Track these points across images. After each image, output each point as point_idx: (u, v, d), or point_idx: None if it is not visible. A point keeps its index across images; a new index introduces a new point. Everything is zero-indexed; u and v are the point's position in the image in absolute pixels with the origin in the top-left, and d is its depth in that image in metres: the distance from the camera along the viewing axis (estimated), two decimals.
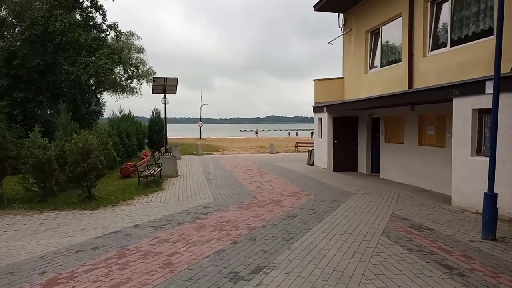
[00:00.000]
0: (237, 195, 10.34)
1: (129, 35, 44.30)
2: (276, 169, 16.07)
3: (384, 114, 13.75)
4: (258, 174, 14.66)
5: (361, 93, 15.04)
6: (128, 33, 44.25)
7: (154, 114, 24.13)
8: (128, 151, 19.32)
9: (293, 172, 15.07)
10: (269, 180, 13.04)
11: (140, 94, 45.44)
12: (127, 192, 10.78)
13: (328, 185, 11.84)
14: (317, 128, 16.91)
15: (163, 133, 23.98)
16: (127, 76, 31.48)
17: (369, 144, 15.02)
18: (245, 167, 17.14)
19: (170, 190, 11.24)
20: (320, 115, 16.53)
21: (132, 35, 44.29)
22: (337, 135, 15.60)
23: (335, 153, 15.61)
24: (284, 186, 11.75)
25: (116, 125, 17.84)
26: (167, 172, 13.95)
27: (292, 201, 9.39)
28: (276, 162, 19.09)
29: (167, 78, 24.49)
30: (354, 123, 15.63)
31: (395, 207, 8.51)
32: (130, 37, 44.32)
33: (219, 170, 16.10)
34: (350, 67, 16.27)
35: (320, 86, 17.01)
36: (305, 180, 13.00)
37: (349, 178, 13.45)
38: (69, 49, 20.75)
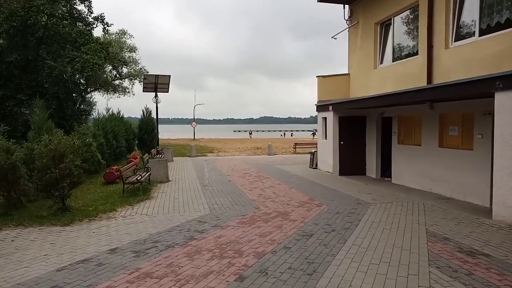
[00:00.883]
0: (237, 205, 8.83)
1: (121, 33, 42.62)
2: (276, 173, 14.58)
3: (397, 113, 12.34)
4: (258, 178, 13.17)
5: (370, 91, 13.64)
6: (120, 31, 42.59)
7: (145, 113, 22.48)
8: (116, 153, 17.70)
9: (296, 177, 13.60)
10: (271, 186, 11.55)
11: (132, 94, 43.74)
12: (109, 202, 9.21)
13: (338, 192, 10.39)
14: (320, 128, 15.47)
15: (154, 134, 22.36)
16: (115, 73, 29.69)
17: (379, 145, 13.62)
18: (242, 170, 15.63)
19: (160, 199, 9.69)
20: (324, 114, 15.10)
21: (124, 34, 42.60)
22: (343, 136, 14.17)
23: (341, 155, 14.18)
24: (289, 193, 10.27)
25: (102, 125, 16.22)
26: (157, 177, 12.39)
27: (302, 213, 7.90)
28: (275, 165, 17.61)
29: (159, 75, 22.90)
30: (361, 123, 14.21)
31: (426, 221, 7.07)
32: (122, 35, 42.67)
33: (214, 174, 14.57)
34: (357, 62, 14.87)
35: (324, 83, 15.57)
36: (311, 186, 11.53)
37: (359, 183, 12.01)
38: (53, 43, 19.06)
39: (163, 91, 23.67)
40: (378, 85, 13.21)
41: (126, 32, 42.55)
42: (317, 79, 15.61)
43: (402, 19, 12.39)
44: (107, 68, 41.69)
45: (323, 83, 15.55)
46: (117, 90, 43.92)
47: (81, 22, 19.41)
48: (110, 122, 17.69)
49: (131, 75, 42.68)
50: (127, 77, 43.49)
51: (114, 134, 17.61)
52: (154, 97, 23.28)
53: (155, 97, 23.18)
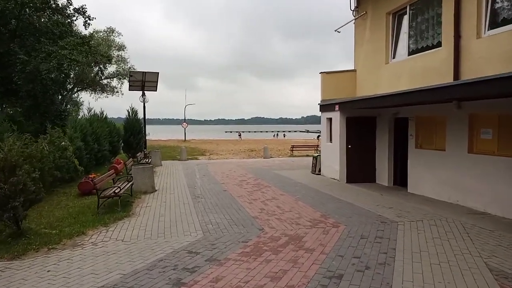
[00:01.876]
0: (236, 225, 7.18)
1: (109, 31, 40.72)
2: (277, 180, 12.97)
3: (414, 113, 10.83)
4: (257, 187, 11.54)
5: (380, 88, 12.13)
6: (108, 29, 40.67)
7: (131, 113, 20.68)
8: (97, 157, 15.88)
9: (300, 185, 12.00)
10: (274, 197, 9.93)
11: (121, 93, 41.81)
12: (80, 222, 7.48)
13: (353, 206, 8.81)
14: (324, 130, 13.90)
15: (141, 136, 20.58)
16: (98, 70, 27.72)
17: (392, 150, 12.10)
18: (238, 176, 13.98)
19: (142, 216, 7.98)
20: (329, 114, 13.53)
21: (112, 32, 40.73)
22: (351, 139, 12.62)
23: (349, 160, 12.63)
24: (295, 207, 8.66)
25: (81, 126, 14.41)
26: (141, 186, 10.67)
27: (319, 238, 6.30)
28: (273, 170, 15.99)
29: (146, 72, 21.07)
30: (371, 124, 12.69)
31: (479, 251, 5.53)
32: (110, 33, 40.77)
33: (207, 181, 12.89)
34: (365, 57, 13.34)
35: (328, 80, 14.01)
36: (319, 197, 9.94)
37: (373, 193, 10.46)
38: (27, 36, 17.15)
39: (151, 89, 21.86)
40: (390, 82, 11.70)
41: (115, 30, 40.62)
42: (320, 75, 14.05)
43: (420, 7, 10.89)
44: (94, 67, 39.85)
45: (327, 80, 13.99)
46: (105, 90, 41.97)
47: (59, 14, 17.52)
48: (91, 123, 15.87)
49: (120, 74, 40.73)
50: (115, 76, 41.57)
51: (95, 136, 15.80)
52: (141, 96, 21.48)
53: (142, 96, 21.37)
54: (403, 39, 11.64)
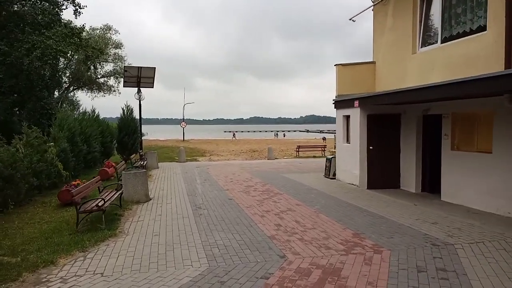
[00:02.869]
0: (249, 249, 5.62)
1: (105, 29, 39.21)
2: (288, 186, 11.41)
3: (450, 109, 9.28)
4: (267, 195, 9.98)
5: (406, 81, 10.59)
6: (105, 26, 39.16)
7: (126, 112, 19.05)
8: (87, 160, 14.29)
9: (315, 192, 10.45)
10: (289, 208, 8.37)
11: (118, 92, 40.29)
12: (52, 244, 5.89)
13: (388, 220, 7.25)
14: (341, 129, 12.33)
15: (136, 136, 18.96)
16: (89, 64, 26.10)
17: (419, 151, 10.57)
18: (244, 181, 12.42)
19: (131, 236, 6.40)
20: (346, 111, 11.97)
21: (109, 29, 39.22)
22: (372, 139, 11.08)
23: (370, 164, 11.08)
24: (319, 222, 7.11)
25: (68, 125, 12.81)
26: (133, 195, 9.09)
27: (362, 270, 4.74)
28: (281, 173, 14.44)
29: (142, 67, 19.40)
30: (395, 122, 11.15)
31: None
32: (107, 31, 39.25)
33: (209, 187, 11.33)
34: (386, 48, 11.80)
35: (345, 73, 12.46)
36: (343, 208, 8.39)
37: (404, 203, 8.92)
38: (12, 27, 15.54)
39: (147, 85, 20.23)
40: (419, 73, 10.17)
41: (112, 27, 39.13)
42: (336, 68, 12.48)
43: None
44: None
45: (343, 73, 12.43)
46: (102, 89, 40.48)
47: (46, 2, 15.92)
48: (80, 122, 14.28)
49: (117, 73, 39.19)
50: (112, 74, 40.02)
51: (85, 136, 14.22)
52: (137, 92, 19.87)
53: (138, 92, 19.74)
54: (435, 25, 10.11)
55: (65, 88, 37.49)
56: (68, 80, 38.01)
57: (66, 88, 37.91)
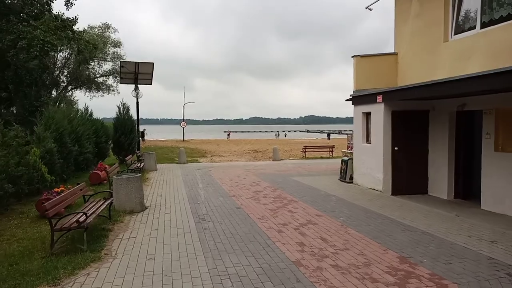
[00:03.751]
0: (270, 282, 4.27)
1: (104, 27, 37.94)
2: (301, 191, 10.07)
3: (494, 104, 7.95)
4: (280, 202, 8.64)
5: (437, 72, 9.25)
6: (103, 25, 37.91)
7: (122, 110, 17.70)
8: (78, 162, 12.92)
9: (334, 199, 9.11)
10: (309, 220, 7.03)
11: (117, 92, 39.02)
12: (17, 273, 4.53)
13: (435, 237, 5.91)
14: (360, 127, 10.99)
15: (133, 136, 17.63)
16: (81, 58, 24.73)
17: (452, 152, 9.23)
18: (251, 185, 11.08)
19: (118, 260, 5.04)
20: (366, 108, 10.63)
21: (108, 28, 37.95)
22: (398, 139, 9.74)
23: (395, 167, 9.74)
24: (350, 240, 5.77)
25: (56, 124, 11.45)
26: (125, 204, 7.74)
27: None
28: (291, 176, 13.10)
29: (139, 63, 18.08)
30: (423, 120, 9.83)
31: None
32: (106, 29, 37.99)
33: (213, 192, 9.99)
34: (411, 36, 10.47)
35: (364, 65, 11.13)
36: (373, 220, 7.05)
37: (443, 213, 7.57)
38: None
39: (145, 82, 18.94)
40: (451, 63, 8.85)
41: (110, 26, 37.87)
42: (353, 60, 11.14)
43: None
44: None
45: (362, 65, 11.10)
46: (100, 88, 39.23)
47: None
48: (71, 120, 12.92)
49: (116, 72, 37.89)
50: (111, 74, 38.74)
51: (76, 136, 12.86)
52: (134, 89, 18.56)
53: (135, 89, 18.46)
54: (470, 9, 8.78)
55: (63, 87, 36.26)
56: (66, 79, 36.80)
57: (64, 88, 36.68)
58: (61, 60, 34.38)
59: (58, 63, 34.76)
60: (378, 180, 9.96)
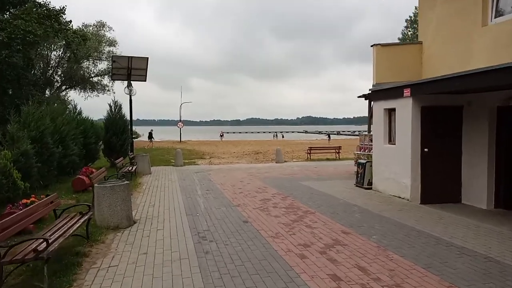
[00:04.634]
0: None
1: (99, 25, 36.59)
2: (316, 199, 8.70)
3: None
4: (294, 214, 7.26)
5: (471, 62, 7.94)
6: (98, 23, 36.55)
7: (113, 109, 16.29)
8: (63, 165, 11.49)
9: (356, 209, 7.74)
10: (335, 239, 5.66)
11: (113, 92, 37.64)
12: None
13: (507, 265, 4.58)
14: (381, 126, 9.62)
15: (126, 136, 16.21)
16: (70, 54, 23.26)
17: (492, 155, 7.90)
18: (257, 192, 9.71)
19: None
20: (388, 103, 9.26)
21: (103, 26, 36.60)
22: (428, 139, 8.40)
23: (425, 171, 8.38)
24: (398, 271, 4.40)
25: (36, 123, 10.03)
26: (109, 218, 6.34)
27: None
28: (299, 181, 11.73)
29: (133, 57, 16.67)
30: (456, 116, 8.50)
31: None
32: (101, 28, 36.64)
33: (214, 201, 8.60)
34: (439, 23, 9.16)
35: (385, 55, 9.79)
36: (415, 239, 5.68)
37: (495, 228, 6.21)
38: None
39: (139, 78, 17.53)
40: (492, 50, 7.58)
41: (105, 24, 36.51)
42: (373, 50, 9.79)
43: None
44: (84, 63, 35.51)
45: (383, 56, 9.76)
46: (95, 88, 37.83)
47: None
48: (54, 118, 11.49)
49: (111, 71, 36.54)
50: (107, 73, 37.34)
51: (60, 136, 11.43)
52: (127, 86, 17.17)
53: (128, 86, 17.07)
54: None
55: (57, 87, 34.86)
56: (60, 79, 35.41)
57: (58, 87, 35.29)
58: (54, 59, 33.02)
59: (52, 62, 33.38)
60: (404, 186, 8.60)
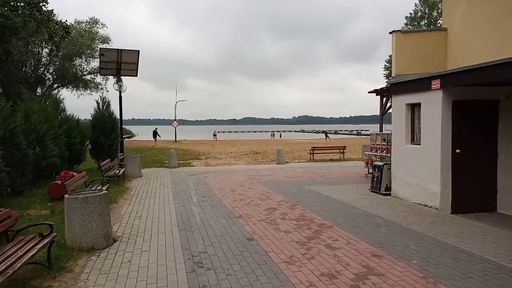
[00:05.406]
0: None
1: (92, 22, 35.18)
2: (330, 208, 7.48)
3: None
4: (308, 229, 6.03)
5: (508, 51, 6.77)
6: (91, 20, 35.14)
7: (101, 106, 14.97)
8: (41, 168, 10.18)
9: (380, 221, 6.53)
10: (366, 265, 4.44)
11: (106, 90, 36.29)
12: None
13: None
14: (402, 123, 8.38)
15: (116, 136, 14.91)
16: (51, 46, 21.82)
17: None
18: (260, 199, 8.47)
19: None
20: (412, 97, 8.03)
21: (96, 23, 35.18)
22: (460, 138, 7.21)
23: (457, 175, 7.20)
24: None
25: (4, 120, 8.71)
26: (81, 238, 5.06)
27: None
28: (306, 185, 10.51)
29: (122, 50, 15.36)
30: (491, 112, 7.32)
31: None
32: (94, 24, 35.23)
33: (211, 211, 7.35)
34: (468, 6, 7.99)
35: (406, 43, 8.59)
36: (467, 265, 4.48)
37: None
38: None
39: (129, 73, 16.20)
40: None
41: (98, 21, 35.13)
42: (393, 37, 8.57)
43: None
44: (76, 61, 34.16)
45: (403, 44, 8.55)
46: (88, 87, 36.47)
47: None
48: (28, 115, 10.17)
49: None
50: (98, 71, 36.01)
51: (37, 136, 10.13)
52: (116, 82, 15.85)
53: (117, 82, 15.75)
54: None
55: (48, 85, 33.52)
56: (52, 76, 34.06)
57: (50, 86, 33.94)
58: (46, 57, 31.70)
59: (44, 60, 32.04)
60: (432, 193, 7.41)
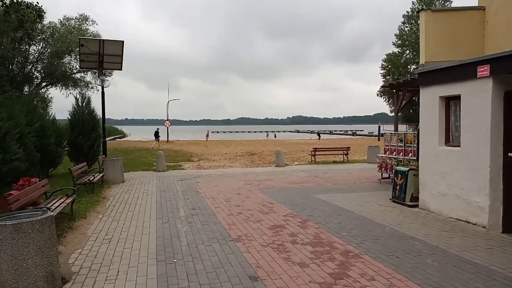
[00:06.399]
0: None
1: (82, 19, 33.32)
2: (350, 226, 5.96)
3: None
4: (330, 259, 4.50)
5: None
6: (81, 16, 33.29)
7: (81, 103, 13.31)
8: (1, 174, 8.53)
9: (422, 247, 5.01)
10: None
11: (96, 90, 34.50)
12: None
13: None
14: (435, 120, 6.87)
15: (97, 135, 13.26)
16: (21, 35, 19.96)
17: None
18: (262, 213, 6.92)
19: None
20: (448, 89, 6.52)
21: (86, 20, 33.32)
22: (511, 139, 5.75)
23: (509, 185, 5.74)
24: None
25: None
26: (12, 282, 3.50)
27: None
28: (314, 193, 8.97)
29: (105, 40, 13.70)
30: None
31: None
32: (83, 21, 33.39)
33: (203, 233, 5.79)
34: None
35: (438, 25, 7.08)
36: None
37: None
38: None
39: (113, 66, 14.61)
40: None
41: (88, 17, 33.30)
42: (421, 16, 7.05)
43: None
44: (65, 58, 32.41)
45: (434, 25, 7.04)
46: (78, 85, 34.72)
47: None
48: None
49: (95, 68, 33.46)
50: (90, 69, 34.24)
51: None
52: (98, 76, 14.23)
53: (99, 76, 14.11)
54: None
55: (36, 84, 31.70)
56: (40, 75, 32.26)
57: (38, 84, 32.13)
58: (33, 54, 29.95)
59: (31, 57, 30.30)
60: (477, 207, 5.92)
